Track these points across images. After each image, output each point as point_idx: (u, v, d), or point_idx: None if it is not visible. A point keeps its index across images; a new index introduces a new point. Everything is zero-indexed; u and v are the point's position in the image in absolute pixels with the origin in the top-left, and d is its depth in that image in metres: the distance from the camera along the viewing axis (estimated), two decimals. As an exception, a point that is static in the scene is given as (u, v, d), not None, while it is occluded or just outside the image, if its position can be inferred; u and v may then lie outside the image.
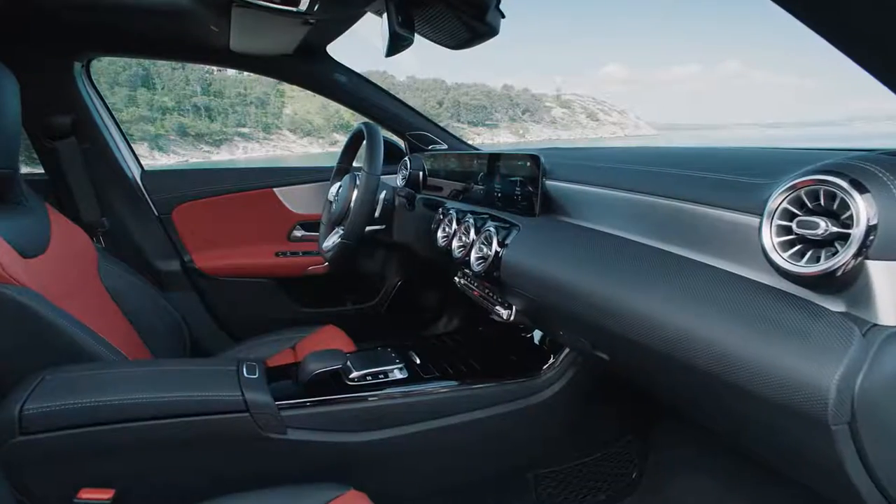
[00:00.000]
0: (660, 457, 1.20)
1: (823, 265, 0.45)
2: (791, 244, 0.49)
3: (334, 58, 1.56)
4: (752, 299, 0.51)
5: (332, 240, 1.41)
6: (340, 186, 1.44)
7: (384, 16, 0.94)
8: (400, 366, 1.03)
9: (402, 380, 1.00)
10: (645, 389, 0.89)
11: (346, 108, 1.69)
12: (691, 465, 1.13)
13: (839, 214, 0.45)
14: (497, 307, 1.00)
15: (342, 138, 1.72)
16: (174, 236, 1.64)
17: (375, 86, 1.66)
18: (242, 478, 0.87)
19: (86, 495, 0.76)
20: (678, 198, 0.65)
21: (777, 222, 0.49)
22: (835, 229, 0.45)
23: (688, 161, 0.73)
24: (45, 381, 0.80)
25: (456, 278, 1.19)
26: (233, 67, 1.62)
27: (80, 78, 1.47)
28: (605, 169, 0.85)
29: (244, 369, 0.91)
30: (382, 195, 1.42)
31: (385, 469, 0.98)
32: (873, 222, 0.43)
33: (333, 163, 1.61)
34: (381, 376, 1.00)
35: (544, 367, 1.06)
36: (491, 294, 1.04)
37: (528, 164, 0.94)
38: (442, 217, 1.16)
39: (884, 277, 0.44)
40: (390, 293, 1.80)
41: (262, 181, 1.70)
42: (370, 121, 1.56)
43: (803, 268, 0.47)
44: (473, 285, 1.11)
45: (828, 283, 0.46)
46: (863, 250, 0.43)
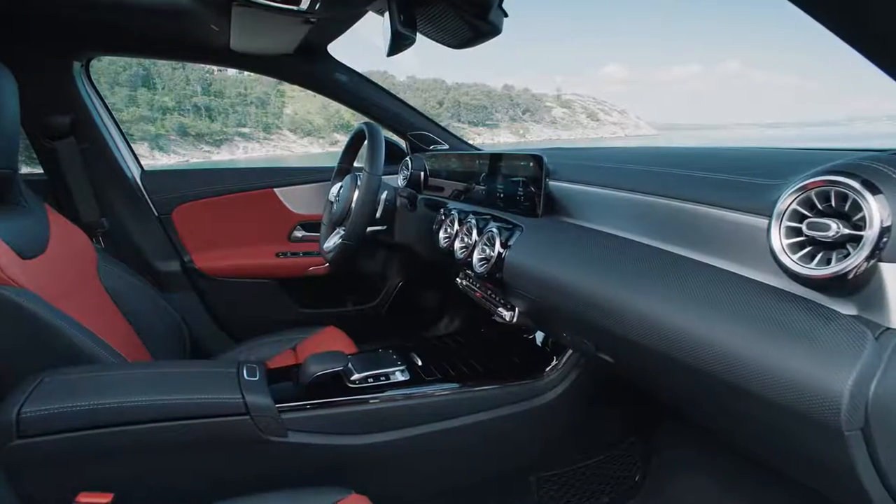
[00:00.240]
0: (662, 458, 1.19)
1: (835, 267, 0.44)
2: (800, 246, 0.48)
3: (335, 57, 1.55)
4: (755, 300, 0.51)
5: (332, 240, 1.41)
6: (341, 187, 1.43)
7: (386, 14, 0.93)
8: (401, 368, 1.02)
9: (404, 382, 1.00)
10: (649, 391, 0.88)
11: (346, 108, 1.68)
12: (694, 467, 1.13)
13: (850, 216, 0.45)
14: (499, 309, 0.99)
15: (343, 138, 1.71)
16: (174, 237, 1.63)
17: (376, 85, 1.65)
18: (243, 481, 0.87)
19: (84, 499, 0.75)
20: (680, 198, 0.65)
21: (786, 224, 0.49)
22: (846, 231, 0.44)
23: (689, 161, 0.72)
24: (44, 384, 0.80)
25: (458, 279, 1.18)
26: (233, 67, 1.61)
27: (80, 77, 1.47)
28: (607, 169, 0.84)
29: (244, 371, 0.91)
30: (384, 195, 1.42)
31: (386, 472, 0.97)
32: (887, 224, 0.42)
33: (334, 163, 1.60)
34: (383, 378, 0.99)
35: (547, 369, 1.05)
36: (493, 295, 1.03)
37: (530, 164, 0.93)
38: (444, 218, 1.16)
39: None
40: (391, 294, 1.79)
41: (262, 181, 1.70)
42: (371, 121, 1.55)
43: (814, 270, 0.46)
44: (475, 286, 1.11)
45: (839, 286, 0.45)
46: (876, 252, 0.42)
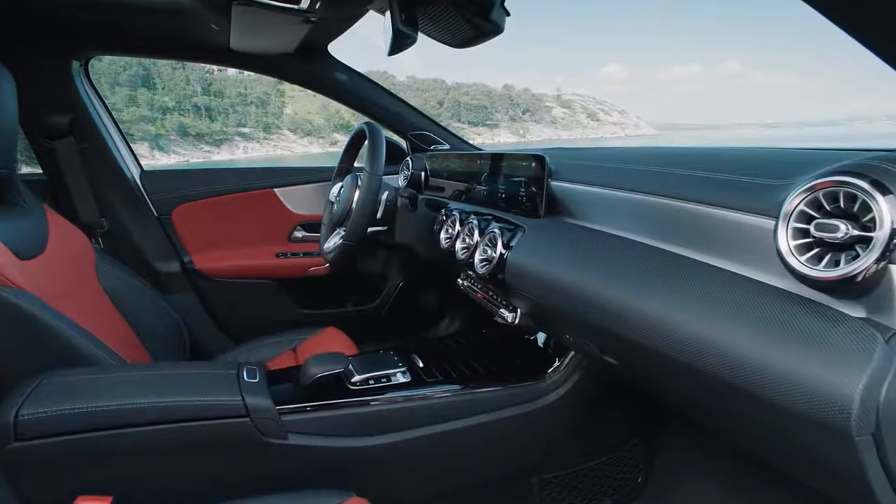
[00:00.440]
0: (665, 460, 1.18)
1: (844, 269, 0.44)
2: (808, 247, 0.47)
3: (335, 57, 1.55)
4: (759, 301, 0.50)
5: (333, 241, 1.40)
6: (342, 187, 1.42)
7: (387, 13, 0.92)
8: (402, 369, 1.01)
9: (405, 384, 0.99)
10: (651, 393, 0.87)
11: (346, 108, 1.67)
12: (697, 468, 1.12)
13: (859, 217, 0.44)
14: (501, 310, 0.98)
15: (343, 138, 1.71)
16: (174, 237, 1.62)
17: (377, 85, 1.65)
18: (242, 484, 0.86)
19: (83, 503, 0.74)
20: (682, 198, 0.64)
21: (794, 225, 0.48)
22: (855, 232, 0.44)
23: (691, 161, 0.72)
24: (42, 386, 0.79)
25: (459, 280, 1.17)
26: (233, 66, 1.61)
27: (79, 77, 1.46)
28: (608, 169, 0.84)
29: (244, 373, 0.90)
30: (384, 196, 1.41)
31: (387, 474, 0.97)
32: None
33: (334, 163, 1.60)
34: (384, 380, 0.98)
35: (549, 371, 1.05)
36: (495, 296, 1.02)
37: (532, 164, 0.93)
38: (445, 218, 1.15)
39: None
40: (392, 295, 1.78)
41: (262, 181, 1.69)
42: (372, 121, 1.54)
43: (822, 272, 0.45)
44: (477, 287, 1.10)
45: (847, 288, 0.45)
46: (886, 254, 0.42)
